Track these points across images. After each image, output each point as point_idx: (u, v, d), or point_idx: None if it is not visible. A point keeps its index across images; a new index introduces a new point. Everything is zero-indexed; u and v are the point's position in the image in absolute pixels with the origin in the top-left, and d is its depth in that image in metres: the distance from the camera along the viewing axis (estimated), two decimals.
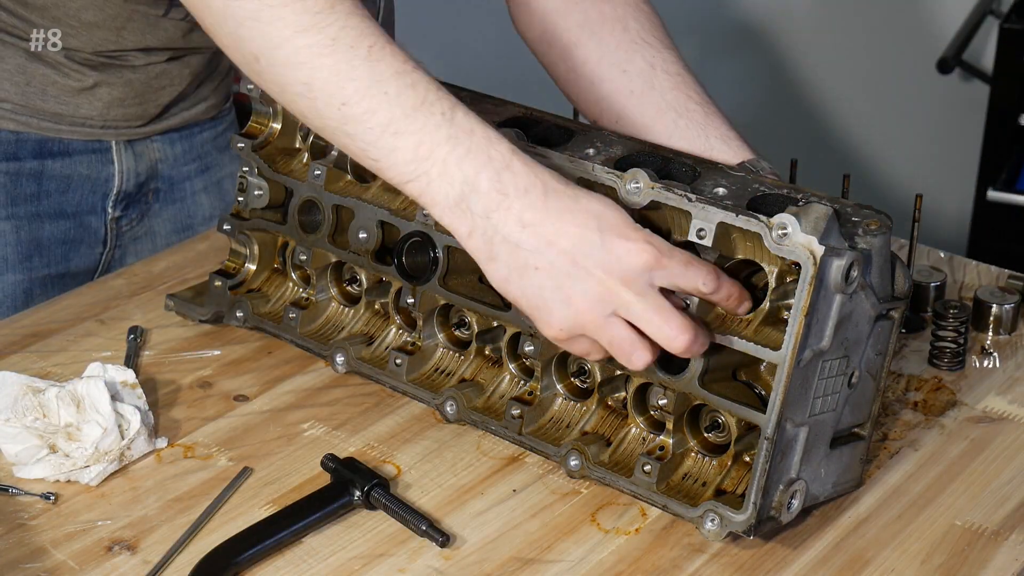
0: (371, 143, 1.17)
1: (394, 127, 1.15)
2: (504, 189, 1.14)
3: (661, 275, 1.16)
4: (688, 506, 1.24)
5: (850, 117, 3.28)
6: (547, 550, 1.23)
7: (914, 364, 1.50)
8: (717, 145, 1.39)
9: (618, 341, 1.17)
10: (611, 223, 1.15)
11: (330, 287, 1.50)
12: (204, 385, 1.46)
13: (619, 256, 1.14)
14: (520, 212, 1.14)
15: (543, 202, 1.14)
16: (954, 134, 3.18)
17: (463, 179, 1.14)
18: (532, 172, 1.15)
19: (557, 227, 1.14)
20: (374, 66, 1.17)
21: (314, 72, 1.18)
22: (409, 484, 1.31)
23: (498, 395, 1.38)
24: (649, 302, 1.15)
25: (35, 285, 1.65)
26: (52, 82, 1.58)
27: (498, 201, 1.14)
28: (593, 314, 1.16)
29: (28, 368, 1.46)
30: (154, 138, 1.71)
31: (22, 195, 1.62)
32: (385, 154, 1.17)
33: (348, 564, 1.22)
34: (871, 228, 1.22)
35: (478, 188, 1.14)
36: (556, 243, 1.14)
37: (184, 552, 1.22)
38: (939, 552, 1.23)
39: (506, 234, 1.14)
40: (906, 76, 3.18)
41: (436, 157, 1.15)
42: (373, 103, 1.16)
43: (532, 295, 1.16)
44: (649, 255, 1.15)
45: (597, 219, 1.15)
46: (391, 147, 1.16)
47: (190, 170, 1.76)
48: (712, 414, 1.27)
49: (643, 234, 1.17)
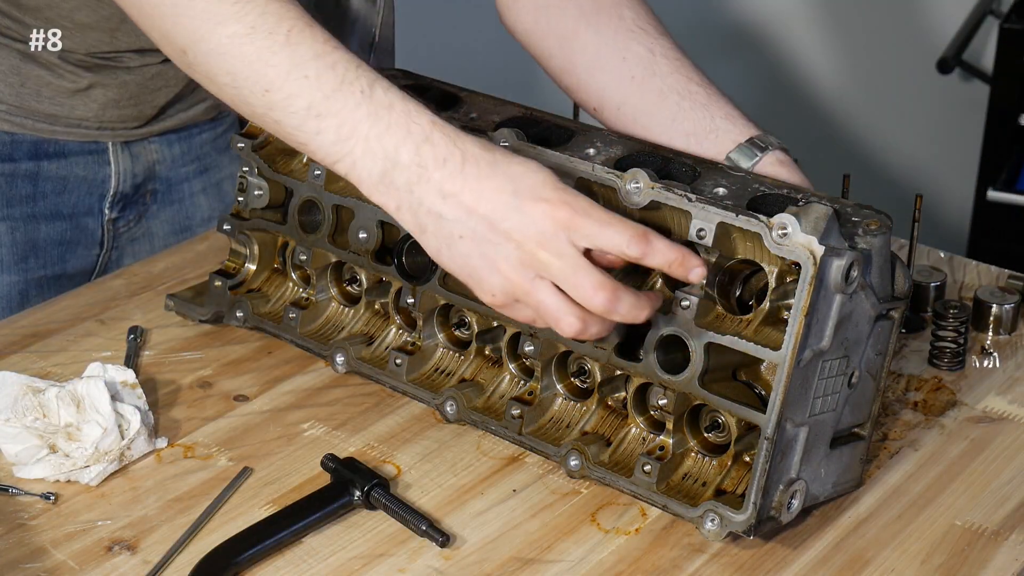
0: (296, 127, 1.18)
1: (316, 109, 1.17)
2: (423, 161, 1.15)
3: (579, 235, 1.14)
4: (688, 506, 1.24)
5: (850, 117, 3.28)
6: (547, 550, 1.23)
7: (914, 364, 1.50)
8: (722, 124, 1.38)
9: (544, 306, 1.15)
10: (528, 185, 1.15)
11: (330, 287, 1.50)
12: (204, 385, 1.46)
13: (533, 218, 1.14)
14: (440, 183, 1.15)
15: (461, 170, 1.15)
16: (954, 134, 3.18)
17: (384, 155, 1.16)
18: (452, 142, 1.16)
19: (475, 194, 1.14)
20: (294, 50, 1.18)
21: (236, 61, 1.19)
22: (409, 484, 1.31)
23: (498, 395, 1.38)
24: (567, 262, 1.13)
25: (31, 287, 1.65)
26: (46, 83, 1.58)
27: (419, 174, 1.15)
28: (519, 278, 1.15)
29: (28, 368, 1.46)
30: (151, 139, 1.70)
31: (18, 196, 1.62)
32: (311, 137, 1.18)
33: (348, 564, 1.22)
34: (871, 228, 1.22)
35: (399, 162, 1.15)
36: (475, 210, 1.14)
37: (184, 552, 1.22)
38: (939, 552, 1.23)
39: (429, 206, 1.15)
40: (906, 76, 3.18)
41: (358, 136, 1.16)
42: (294, 88, 1.17)
43: (461, 264, 1.17)
44: (563, 214, 1.13)
45: (514, 182, 1.15)
46: (315, 130, 1.18)
47: (188, 171, 1.76)
48: (712, 414, 1.27)
49: (562, 194, 1.15)
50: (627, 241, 1.14)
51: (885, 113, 3.26)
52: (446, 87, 1.47)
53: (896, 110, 3.24)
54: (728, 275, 1.25)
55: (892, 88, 3.23)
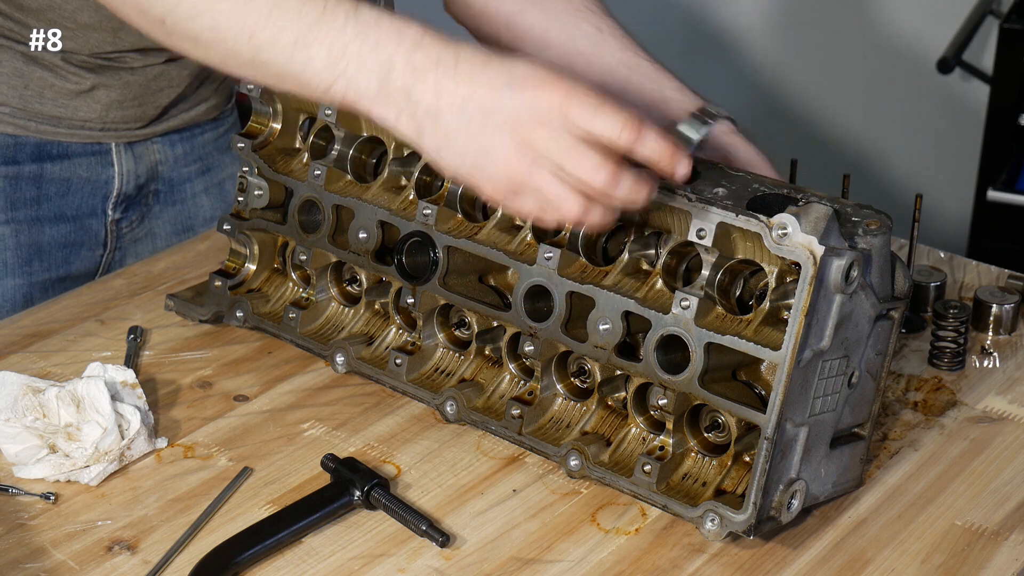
0: (286, 63, 1.20)
1: (303, 41, 1.18)
2: (417, 65, 1.16)
3: (574, 117, 1.14)
4: (688, 506, 1.24)
5: (850, 117, 3.28)
6: (547, 550, 1.23)
7: (914, 364, 1.50)
8: (672, 95, 1.39)
9: (545, 189, 1.16)
10: (521, 75, 1.16)
11: (330, 287, 1.50)
12: (204, 385, 1.46)
13: (526, 101, 1.15)
14: (435, 83, 1.16)
15: (455, 69, 1.16)
16: (954, 134, 3.18)
17: (379, 66, 1.17)
18: (444, 45, 1.17)
19: (469, 89, 1.16)
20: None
21: (216, 15, 1.21)
22: (409, 484, 1.31)
23: (498, 395, 1.38)
24: (565, 142, 1.14)
25: (35, 289, 1.65)
26: (49, 85, 1.58)
27: (414, 76, 1.17)
28: (517, 165, 1.16)
29: (28, 368, 1.46)
30: (154, 140, 1.70)
31: (21, 199, 1.62)
32: (302, 68, 1.19)
33: (348, 564, 1.22)
34: (871, 228, 1.22)
35: (394, 68, 1.17)
36: (468, 104, 1.16)
37: (184, 552, 1.22)
38: (939, 552, 1.23)
39: (426, 107, 1.17)
40: (906, 76, 3.18)
41: (350, 55, 1.18)
42: (278, 24, 1.19)
43: (459, 163, 1.18)
44: (557, 96, 1.14)
45: (507, 74, 1.16)
46: (306, 60, 1.19)
47: (191, 171, 1.76)
48: (712, 414, 1.27)
49: (556, 79, 1.15)
50: (620, 126, 1.15)
51: (885, 113, 3.26)
52: None
53: (896, 110, 3.24)
54: (728, 275, 1.25)
55: (892, 88, 3.22)
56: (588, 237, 1.32)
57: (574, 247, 1.31)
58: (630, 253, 1.30)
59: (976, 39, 2.88)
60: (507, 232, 1.36)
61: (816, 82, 3.28)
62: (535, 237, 1.34)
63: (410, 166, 1.44)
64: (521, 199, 1.18)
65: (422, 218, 1.38)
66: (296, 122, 1.52)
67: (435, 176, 1.42)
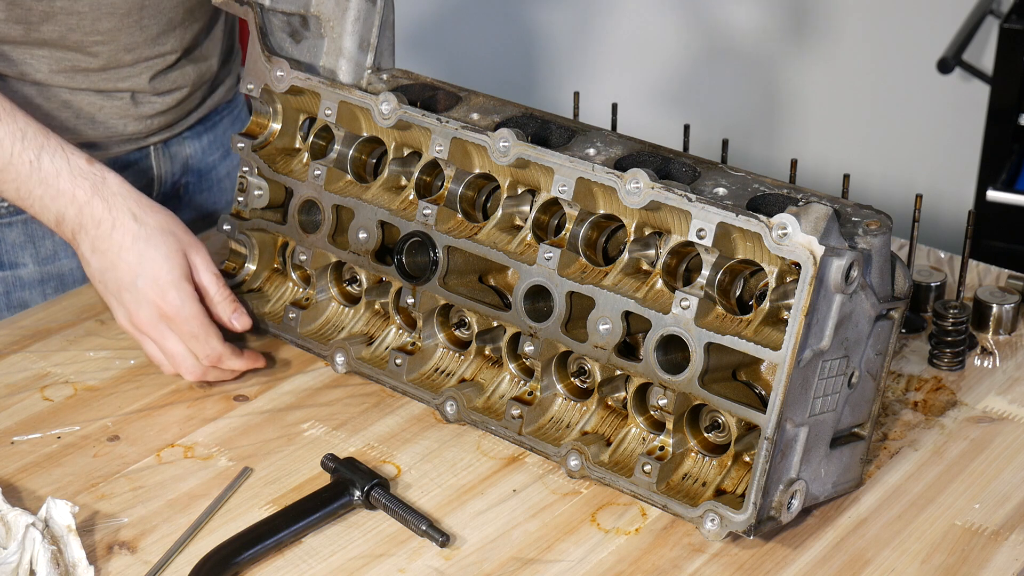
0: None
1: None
2: (83, 221, 1.43)
3: (173, 330, 1.43)
4: (688, 506, 1.24)
5: (850, 117, 3.28)
6: (547, 550, 1.23)
7: (914, 364, 1.50)
8: None
9: (165, 351, 1.44)
10: (150, 279, 1.41)
11: (330, 287, 1.50)
12: (204, 385, 1.46)
13: (141, 307, 1.42)
14: (93, 240, 1.43)
15: (110, 236, 1.42)
16: (954, 134, 3.17)
17: (56, 212, 1.44)
18: (108, 209, 1.42)
19: (113, 261, 1.42)
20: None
21: None
22: (409, 484, 1.31)
23: (498, 395, 1.38)
24: (167, 343, 1.43)
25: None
26: (99, 107, 1.62)
27: (80, 228, 1.43)
28: (134, 330, 1.44)
29: (28, 368, 1.46)
30: (184, 134, 1.74)
31: None
32: (1, 190, 1.45)
33: (348, 564, 1.22)
34: (871, 228, 1.22)
35: (66, 218, 1.43)
36: (109, 272, 1.43)
37: (184, 552, 1.22)
38: (939, 552, 1.23)
39: (83, 252, 1.43)
40: (906, 76, 3.18)
41: (34, 197, 1.44)
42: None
43: (103, 293, 1.45)
44: (165, 314, 1.41)
45: (141, 268, 1.41)
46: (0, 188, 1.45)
47: (215, 159, 1.80)
48: (712, 414, 1.27)
49: (172, 299, 1.41)
50: (194, 365, 1.42)
51: (885, 113, 3.26)
52: (446, 87, 1.47)
53: (896, 110, 3.24)
54: (728, 275, 1.25)
55: (892, 88, 3.22)
56: (588, 237, 1.32)
57: (574, 247, 1.31)
58: (630, 253, 1.30)
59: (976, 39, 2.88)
60: (507, 232, 1.36)
61: (816, 82, 3.28)
62: (535, 237, 1.34)
63: (410, 166, 1.44)
64: (145, 343, 1.44)
65: (422, 218, 1.38)
66: (296, 122, 1.52)
67: (435, 176, 1.42)
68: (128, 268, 1.42)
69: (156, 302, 1.41)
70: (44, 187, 1.43)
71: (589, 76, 3.47)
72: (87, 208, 1.43)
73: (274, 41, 1.51)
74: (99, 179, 1.44)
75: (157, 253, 1.42)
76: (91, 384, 1.45)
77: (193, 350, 1.42)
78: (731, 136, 1.88)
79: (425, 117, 1.39)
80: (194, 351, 1.42)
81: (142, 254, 1.41)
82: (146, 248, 1.42)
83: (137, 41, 1.60)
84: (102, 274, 1.43)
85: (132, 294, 1.42)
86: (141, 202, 1.44)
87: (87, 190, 1.43)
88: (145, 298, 1.41)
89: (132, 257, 1.42)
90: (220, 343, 1.43)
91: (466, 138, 1.36)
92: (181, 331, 1.42)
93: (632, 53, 3.41)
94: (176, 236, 1.43)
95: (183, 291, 1.41)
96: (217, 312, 1.45)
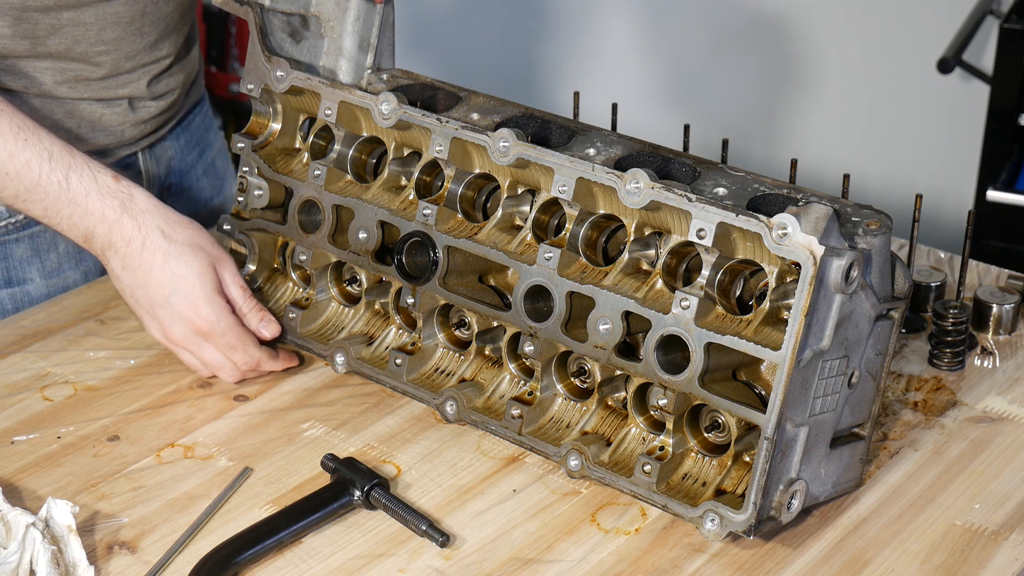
0: (10, 204, 1.45)
1: (23, 197, 1.44)
2: (113, 240, 1.44)
3: (211, 344, 1.44)
4: (688, 506, 1.23)
5: (850, 117, 3.28)
6: (547, 550, 1.23)
7: (914, 364, 1.50)
8: None
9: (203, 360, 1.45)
10: (183, 295, 1.42)
11: (330, 287, 1.50)
12: (204, 385, 1.46)
13: (175, 324, 1.43)
14: (123, 257, 1.44)
15: (140, 254, 1.43)
16: (954, 134, 3.17)
17: (85, 230, 1.44)
18: (137, 227, 1.43)
19: (145, 279, 1.43)
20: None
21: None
22: (409, 484, 1.31)
23: (498, 395, 1.38)
24: (202, 355, 1.44)
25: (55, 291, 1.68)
26: (100, 115, 1.62)
27: (109, 246, 1.44)
28: (167, 342, 1.45)
29: (28, 368, 1.46)
30: (166, 138, 1.74)
31: None
32: (24, 208, 1.45)
33: (348, 564, 1.22)
34: (871, 228, 1.22)
35: (95, 236, 1.44)
36: (141, 289, 1.44)
37: (184, 552, 1.22)
38: (939, 552, 1.23)
39: (114, 268, 1.45)
40: (906, 76, 3.18)
41: (62, 215, 1.44)
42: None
43: (133, 307, 1.47)
44: (200, 330, 1.43)
45: (174, 285, 1.42)
46: (25, 208, 1.45)
47: (192, 157, 1.80)
48: (712, 414, 1.27)
49: (207, 313, 1.41)
50: (233, 370, 1.44)
51: (885, 113, 3.26)
52: (446, 87, 1.47)
53: (896, 110, 3.24)
54: (728, 275, 1.25)
55: (892, 88, 3.22)
56: (588, 237, 1.32)
57: (574, 247, 1.31)
58: (630, 253, 1.30)
59: (976, 39, 2.88)
60: (507, 232, 1.36)
61: (816, 82, 3.28)
62: (535, 237, 1.34)
63: (410, 166, 1.44)
64: (181, 353, 1.46)
65: (422, 218, 1.38)
66: (296, 122, 1.52)
67: (435, 176, 1.42)
68: (160, 287, 1.42)
69: (191, 318, 1.42)
70: (73, 207, 1.44)
71: (589, 76, 3.47)
72: (116, 227, 1.43)
73: (274, 41, 1.51)
74: (127, 196, 1.44)
75: (188, 270, 1.42)
76: (91, 384, 1.45)
77: (231, 359, 1.43)
78: (731, 136, 1.88)
79: (425, 117, 1.39)
80: (232, 360, 1.43)
81: (174, 271, 1.42)
82: (177, 265, 1.42)
83: (137, 48, 1.60)
84: (133, 290, 1.44)
85: (166, 311, 1.43)
86: (169, 218, 1.45)
87: (116, 209, 1.44)
88: (180, 315, 1.42)
89: (164, 276, 1.42)
90: (257, 349, 1.44)
91: (466, 138, 1.36)
92: (218, 343, 1.43)
93: (632, 53, 3.41)
94: (205, 251, 1.44)
95: (216, 305, 1.42)
96: (246, 322, 1.45)
